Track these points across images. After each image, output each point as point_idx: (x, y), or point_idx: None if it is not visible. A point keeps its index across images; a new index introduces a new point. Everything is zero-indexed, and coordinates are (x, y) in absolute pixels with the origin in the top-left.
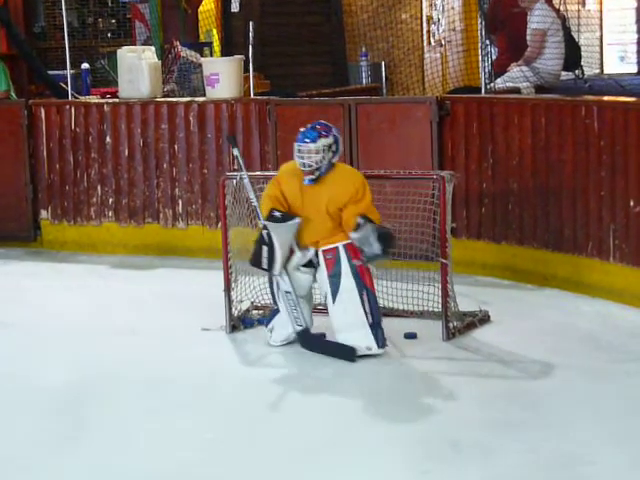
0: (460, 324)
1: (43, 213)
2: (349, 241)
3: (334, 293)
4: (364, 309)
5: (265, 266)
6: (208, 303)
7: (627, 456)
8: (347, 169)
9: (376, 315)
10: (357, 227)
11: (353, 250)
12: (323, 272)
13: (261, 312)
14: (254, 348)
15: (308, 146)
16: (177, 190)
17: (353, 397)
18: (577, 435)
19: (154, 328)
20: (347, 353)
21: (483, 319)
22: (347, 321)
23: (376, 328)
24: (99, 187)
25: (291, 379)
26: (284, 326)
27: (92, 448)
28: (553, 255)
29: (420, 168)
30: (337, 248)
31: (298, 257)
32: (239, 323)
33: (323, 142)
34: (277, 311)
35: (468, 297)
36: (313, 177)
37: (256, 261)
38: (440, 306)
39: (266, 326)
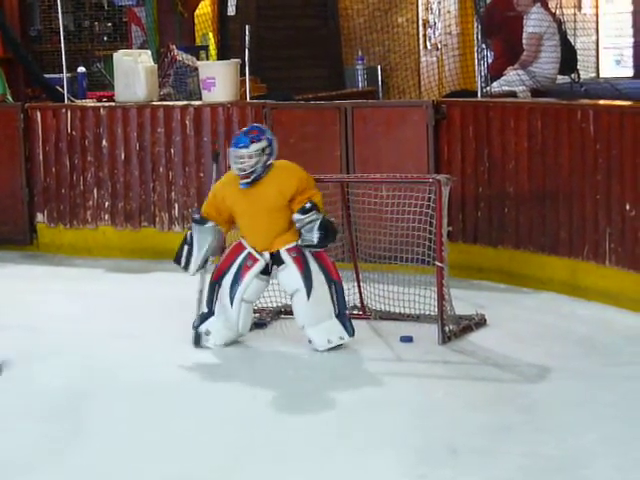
0: (456, 328)
1: (39, 216)
2: None
3: (309, 290)
4: (332, 301)
5: (182, 264)
6: (205, 307)
7: (624, 459)
8: (287, 164)
9: (342, 306)
10: (303, 209)
11: None
12: (293, 271)
13: (257, 315)
14: (248, 351)
15: (241, 152)
16: (173, 194)
17: (348, 400)
18: (573, 438)
19: (150, 332)
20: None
21: (479, 323)
22: (318, 316)
23: (342, 317)
24: (95, 191)
25: (286, 382)
26: (227, 329)
27: (89, 452)
28: (549, 259)
29: (416, 171)
30: (298, 245)
31: (260, 265)
32: None
33: (256, 147)
34: (210, 314)
35: (464, 301)
36: (248, 180)
37: (176, 259)
38: (436, 310)
39: (196, 329)
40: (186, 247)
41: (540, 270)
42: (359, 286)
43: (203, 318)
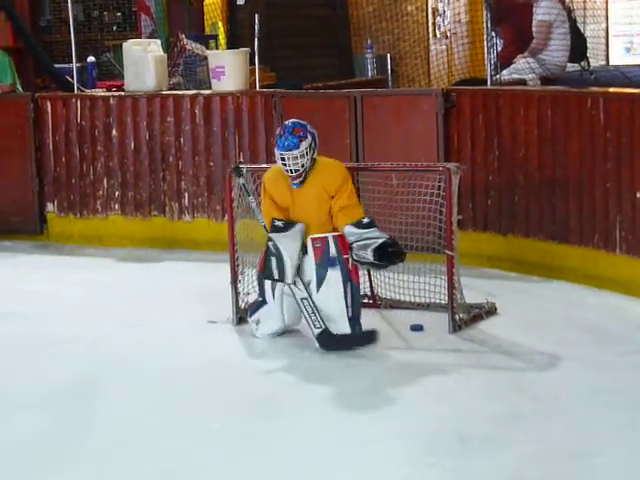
0: (466, 316)
1: (49, 206)
2: (339, 233)
3: (319, 282)
4: (345, 301)
5: (277, 277)
6: (215, 295)
7: (633, 448)
8: (331, 161)
9: (356, 309)
10: (359, 223)
11: (343, 244)
12: (310, 260)
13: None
14: (260, 340)
15: (292, 153)
16: (183, 183)
17: (358, 389)
18: (583, 427)
19: (160, 321)
20: (369, 338)
21: (489, 311)
22: (327, 311)
23: (354, 322)
24: (105, 180)
25: (297, 371)
26: (273, 319)
27: (99, 441)
28: (559, 247)
29: (426, 160)
30: (327, 238)
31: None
32: (246, 315)
33: (305, 145)
34: (263, 303)
35: (474, 289)
36: (301, 179)
37: (268, 274)
38: (446, 298)
39: (250, 317)
40: (274, 259)
41: (550, 258)
42: (369, 275)
43: (257, 306)
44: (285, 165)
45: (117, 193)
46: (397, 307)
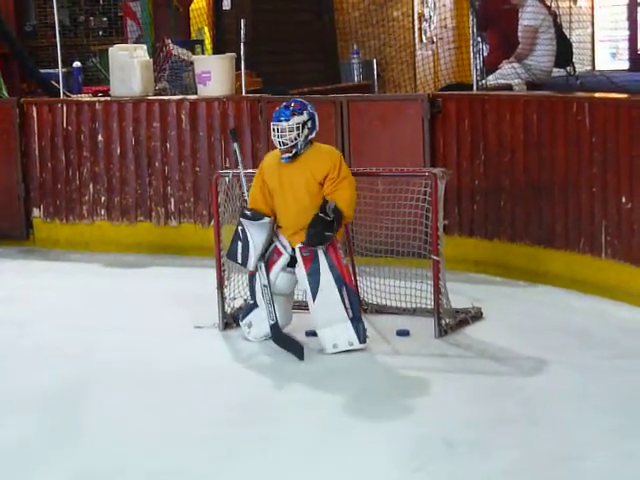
0: (452, 321)
1: (35, 211)
2: None
3: (314, 291)
4: (344, 304)
5: (239, 261)
6: (201, 300)
7: (619, 451)
8: (325, 147)
9: (356, 310)
10: (323, 207)
11: (333, 248)
12: (301, 270)
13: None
14: (247, 345)
15: (282, 124)
16: (169, 188)
17: (345, 394)
18: (569, 431)
19: (147, 326)
20: (298, 351)
21: (475, 316)
22: (328, 317)
23: (356, 322)
24: (91, 185)
25: (283, 376)
26: (264, 322)
27: (84, 445)
28: (545, 252)
29: (412, 165)
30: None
31: (285, 258)
32: (232, 320)
33: (296, 120)
34: (254, 306)
35: (460, 294)
36: (290, 155)
37: (232, 255)
38: (432, 303)
39: (241, 320)
40: (240, 243)
41: (536, 263)
42: (355, 280)
43: (248, 310)
44: (273, 136)
45: (103, 198)
46: (383, 312)
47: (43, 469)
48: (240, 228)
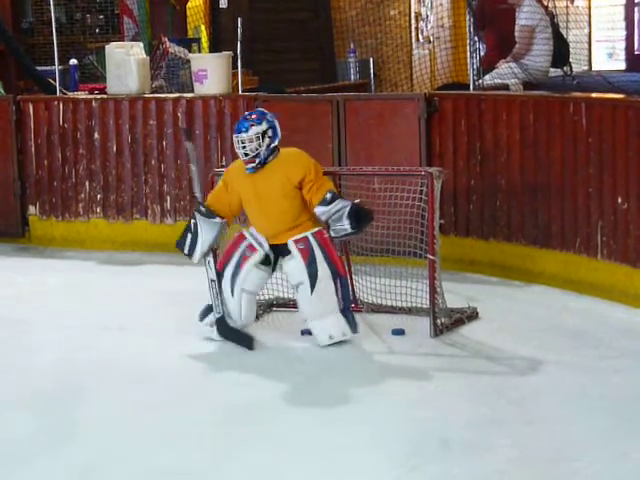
0: (448, 320)
1: (31, 209)
2: (316, 229)
3: (313, 283)
4: (337, 296)
5: (186, 252)
6: (197, 299)
7: (613, 452)
8: (295, 151)
9: (347, 300)
10: (324, 201)
11: (321, 237)
12: (299, 262)
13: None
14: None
15: (242, 136)
16: (165, 186)
17: (339, 393)
18: (564, 431)
19: (143, 324)
20: (249, 342)
21: (471, 316)
22: (322, 309)
23: (346, 313)
24: (87, 183)
25: (279, 375)
26: (229, 318)
27: (80, 444)
28: (541, 252)
29: (408, 164)
30: (307, 237)
31: (259, 255)
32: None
33: (255, 130)
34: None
35: (456, 294)
36: (254, 165)
37: (180, 244)
38: (428, 302)
39: (201, 321)
40: (190, 235)
41: (532, 263)
42: (351, 279)
43: (208, 310)
44: (238, 149)
45: (99, 196)
46: (379, 311)
47: (40, 466)
48: (193, 222)
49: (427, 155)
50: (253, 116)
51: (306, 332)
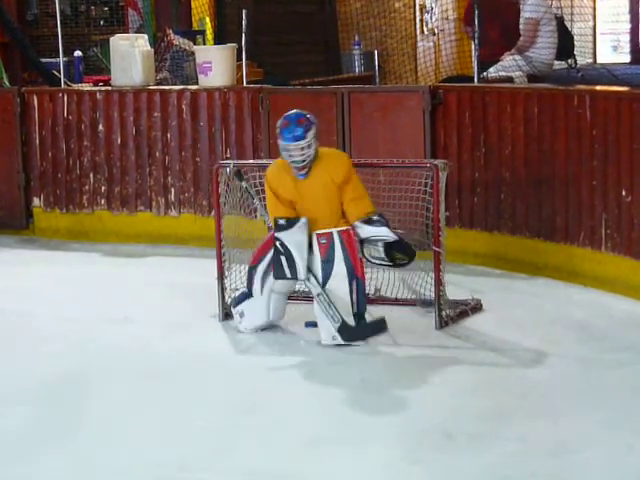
0: (453, 313)
1: (35, 201)
2: (344, 228)
3: (325, 278)
4: (351, 298)
5: (289, 275)
6: (201, 291)
7: (618, 445)
8: (334, 151)
9: (362, 305)
10: (369, 220)
11: (348, 238)
12: (316, 257)
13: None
14: (246, 336)
15: (299, 144)
16: (170, 178)
17: (344, 385)
18: (569, 423)
19: (146, 316)
20: (381, 325)
21: (475, 308)
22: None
23: (360, 318)
24: (91, 175)
25: (283, 367)
26: (257, 314)
27: (83, 436)
28: (545, 244)
29: (413, 157)
30: (332, 233)
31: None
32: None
33: (310, 135)
34: (249, 295)
35: (460, 286)
36: (306, 170)
37: (280, 273)
38: (433, 294)
39: (233, 307)
40: (283, 258)
41: (536, 256)
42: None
43: (242, 298)
44: (291, 156)
45: (103, 188)
46: (383, 303)
47: (42, 459)
48: (278, 243)
49: (431, 147)
50: (302, 120)
51: (310, 324)
